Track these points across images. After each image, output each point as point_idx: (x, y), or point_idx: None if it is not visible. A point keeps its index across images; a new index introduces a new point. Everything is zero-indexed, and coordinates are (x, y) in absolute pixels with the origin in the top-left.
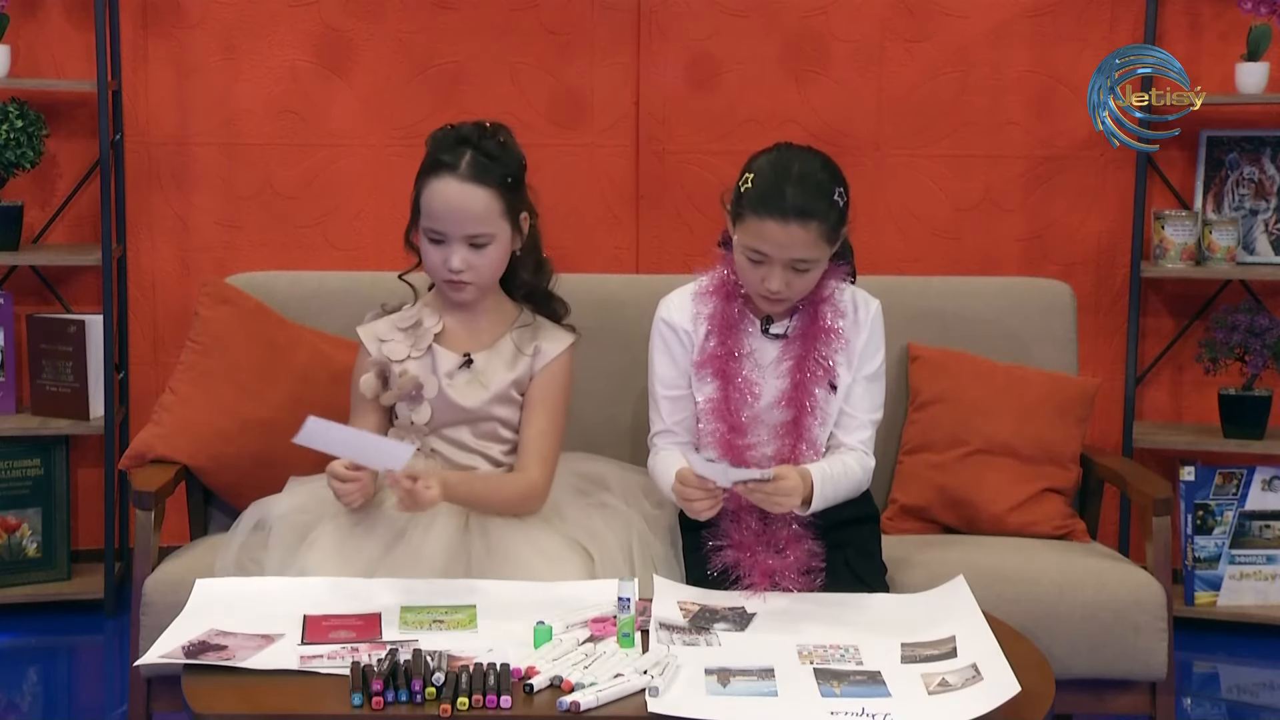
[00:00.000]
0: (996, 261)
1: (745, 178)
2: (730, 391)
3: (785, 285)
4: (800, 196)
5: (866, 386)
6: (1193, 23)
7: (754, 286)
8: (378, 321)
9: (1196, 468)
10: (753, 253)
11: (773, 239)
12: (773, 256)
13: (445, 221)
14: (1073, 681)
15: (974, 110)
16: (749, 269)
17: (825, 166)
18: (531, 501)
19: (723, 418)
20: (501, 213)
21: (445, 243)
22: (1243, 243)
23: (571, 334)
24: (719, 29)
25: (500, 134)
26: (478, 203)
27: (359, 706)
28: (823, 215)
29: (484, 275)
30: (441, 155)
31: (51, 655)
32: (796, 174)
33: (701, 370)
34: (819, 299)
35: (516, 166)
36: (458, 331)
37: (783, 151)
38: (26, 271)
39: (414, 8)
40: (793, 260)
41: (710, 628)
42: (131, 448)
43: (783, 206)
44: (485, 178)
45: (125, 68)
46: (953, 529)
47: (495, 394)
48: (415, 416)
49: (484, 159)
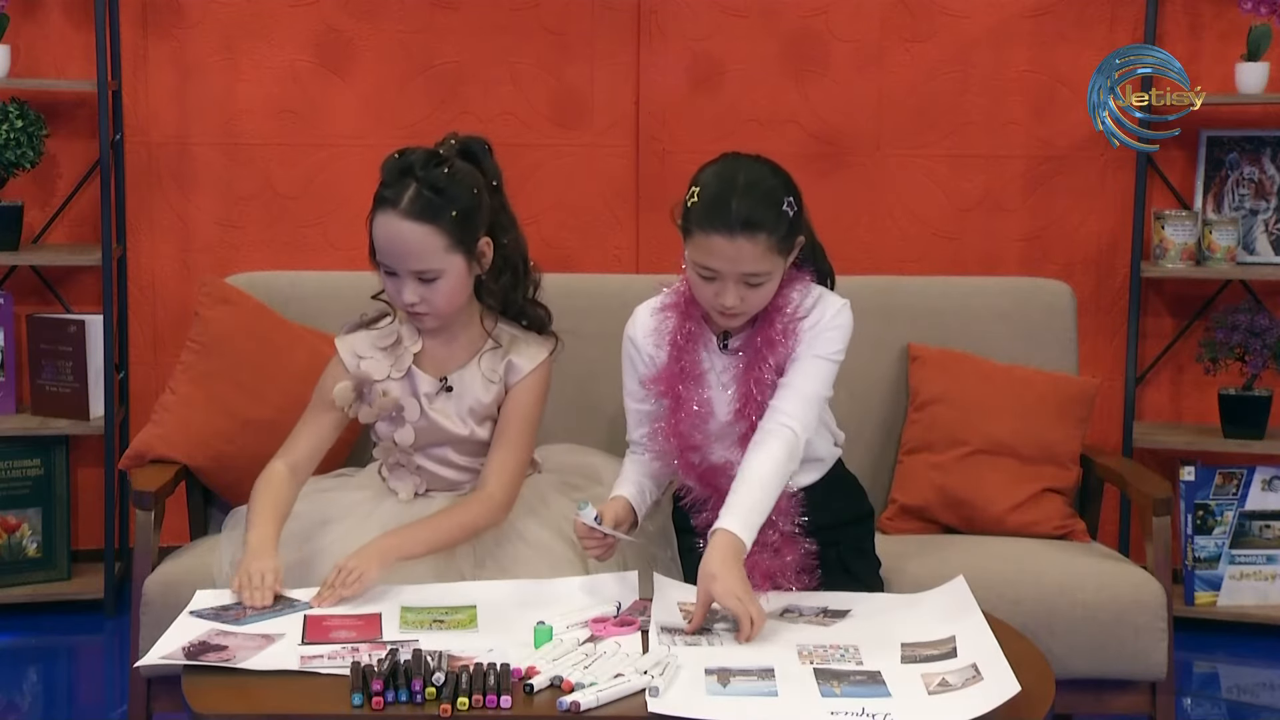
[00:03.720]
0: (996, 261)
1: (692, 192)
2: (680, 411)
3: (739, 300)
4: (747, 208)
5: (813, 362)
6: (1193, 23)
7: (708, 302)
8: (355, 336)
9: (1196, 468)
10: (703, 269)
11: (721, 253)
12: (723, 272)
13: (390, 257)
14: (1073, 681)
15: (974, 110)
16: (701, 285)
17: (774, 174)
18: (493, 517)
19: (675, 436)
20: (447, 248)
21: (397, 276)
22: (1243, 243)
23: (549, 344)
24: (719, 29)
25: (450, 163)
26: (419, 241)
27: (359, 706)
28: (771, 226)
29: (438, 307)
30: (385, 188)
31: (51, 655)
32: (743, 185)
33: (653, 388)
34: (775, 307)
35: (466, 197)
36: (436, 352)
37: (729, 162)
38: (26, 271)
39: (414, 8)
40: (744, 275)
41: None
42: (131, 448)
43: (728, 220)
44: (427, 214)
45: (125, 68)
46: (953, 529)
47: (477, 416)
48: (398, 438)
49: (428, 193)
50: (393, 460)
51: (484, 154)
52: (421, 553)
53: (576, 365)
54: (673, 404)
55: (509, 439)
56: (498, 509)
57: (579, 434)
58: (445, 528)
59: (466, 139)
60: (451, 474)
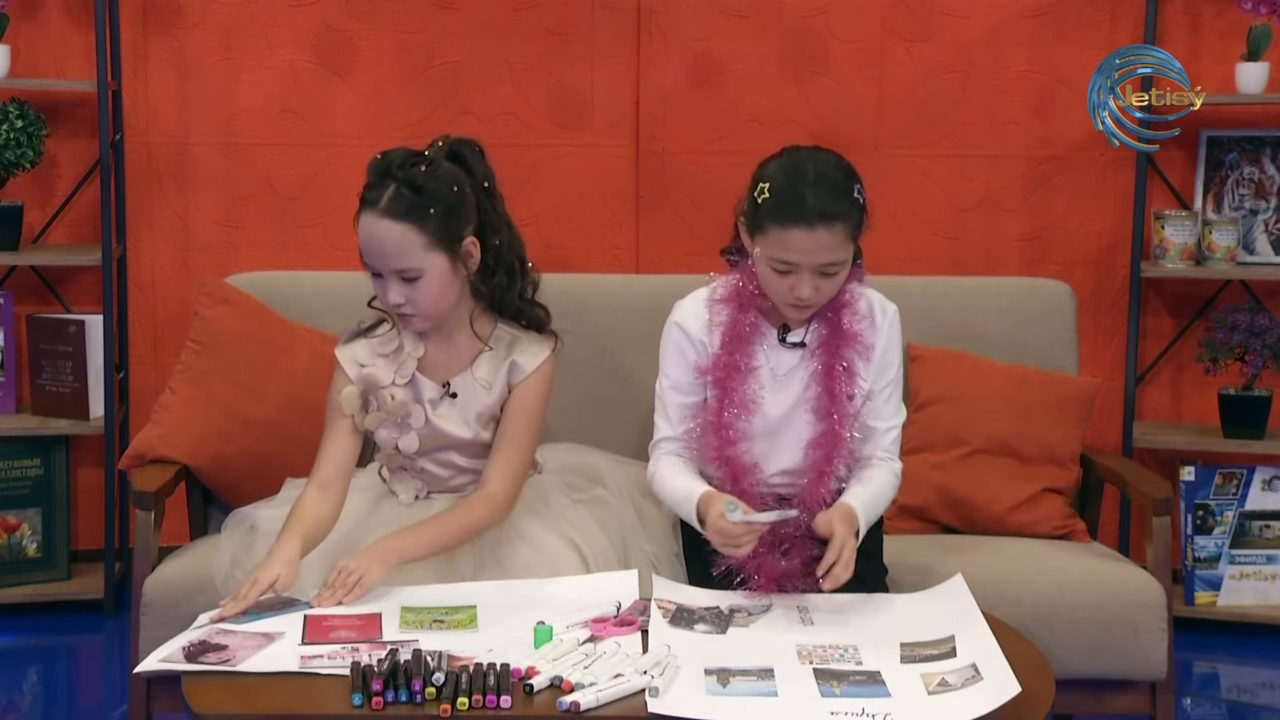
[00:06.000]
0: (996, 261)
1: (760, 188)
2: (728, 405)
3: (814, 291)
4: (822, 199)
5: (890, 392)
6: (1193, 23)
7: (782, 296)
8: (355, 344)
9: (1196, 468)
10: (779, 263)
11: (799, 246)
12: (800, 264)
13: (372, 257)
14: (1073, 681)
15: (974, 110)
16: (776, 279)
17: (839, 165)
18: (495, 517)
19: (718, 431)
20: (426, 245)
21: (382, 277)
22: (1243, 243)
23: (550, 343)
24: (719, 29)
25: (431, 162)
26: (397, 239)
27: (359, 706)
28: (846, 215)
29: (424, 307)
30: (366, 189)
31: (51, 655)
32: (813, 177)
33: (703, 380)
34: (839, 304)
35: (446, 195)
36: (437, 357)
37: (793, 155)
38: (26, 271)
39: (414, 8)
40: (821, 265)
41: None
42: (131, 448)
43: (805, 212)
44: (406, 213)
45: (125, 68)
46: (953, 529)
47: (482, 420)
48: (403, 445)
49: (406, 191)
50: (395, 464)
51: (473, 156)
52: (423, 555)
53: (576, 365)
54: (720, 395)
55: (512, 438)
56: (499, 509)
57: (579, 434)
58: (447, 530)
59: (456, 141)
60: (455, 477)
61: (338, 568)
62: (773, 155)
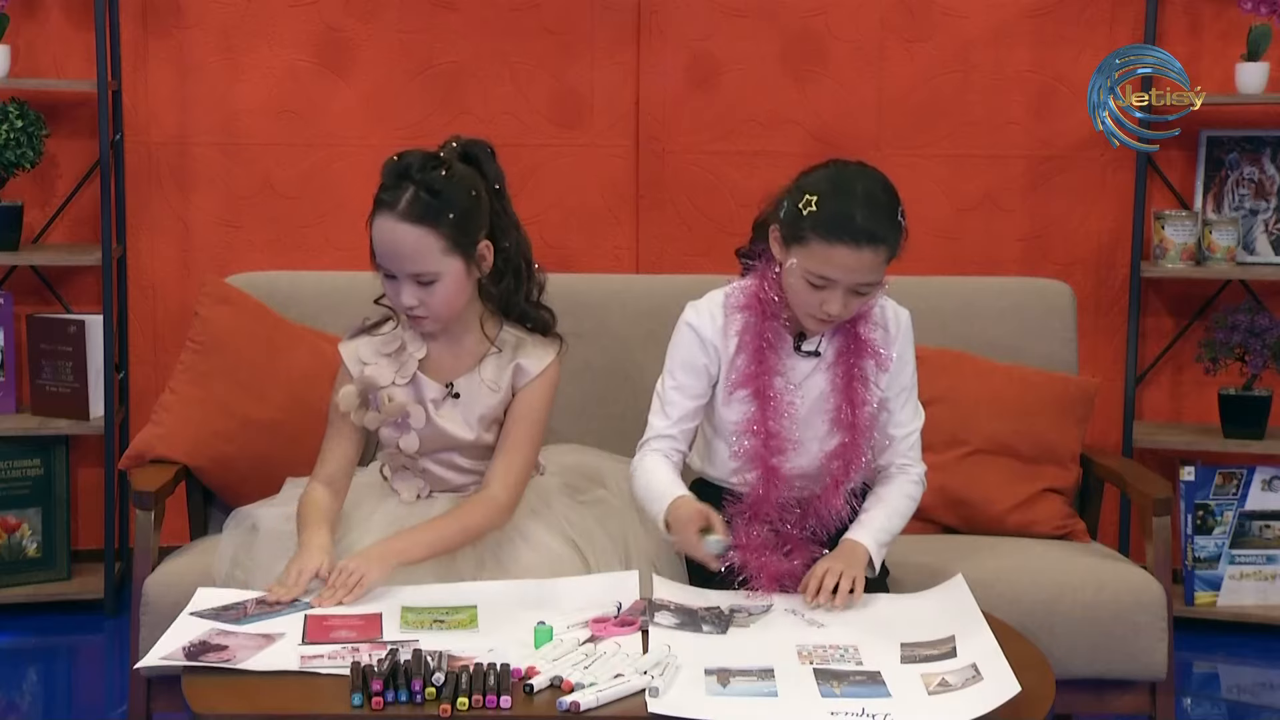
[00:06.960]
0: (996, 261)
1: (807, 199)
2: (768, 410)
3: (844, 308)
4: (872, 220)
5: (906, 398)
6: (1193, 23)
7: (809, 309)
8: (359, 341)
9: (1196, 468)
10: (816, 277)
11: (842, 264)
12: (839, 281)
13: (388, 260)
14: (1073, 681)
15: (974, 110)
16: (806, 292)
17: (886, 187)
18: (496, 519)
19: (758, 434)
20: (444, 250)
21: (396, 279)
22: (1243, 243)
23: (555, 346)
24: (719, 29)
25: (448, 165)
26: (415, 243)
27: (359, 706)
28: (890, 238)
29: (437, 310)
30: (383, 191)
31: (51, 655)
32: (862, 195)
33: (737, 390)
34: (856, 315)
35: (464, 200)
36: (441, 357)
37: (841, 169)
38: (26, 271)
39: (414, 8)
40: (858, 284)
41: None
42: (131, 448)
43: (854, 231)
44: (424, 217)
45: (125, 68)
46: (953, 529)
47: (485, 422)
48: (403, 444)
49: (425, 195)
50: (397, 463)
51: (486, 157)
52: (424, 556)
53: (576, 364)
54: (760, 403)
55: (515, 441)
56: (501, 512)
57: (580, 435)
58: (448, 531)
59: (469, 142)
60: (457, 477)
61: (338, 568)
62: (816, 165)
